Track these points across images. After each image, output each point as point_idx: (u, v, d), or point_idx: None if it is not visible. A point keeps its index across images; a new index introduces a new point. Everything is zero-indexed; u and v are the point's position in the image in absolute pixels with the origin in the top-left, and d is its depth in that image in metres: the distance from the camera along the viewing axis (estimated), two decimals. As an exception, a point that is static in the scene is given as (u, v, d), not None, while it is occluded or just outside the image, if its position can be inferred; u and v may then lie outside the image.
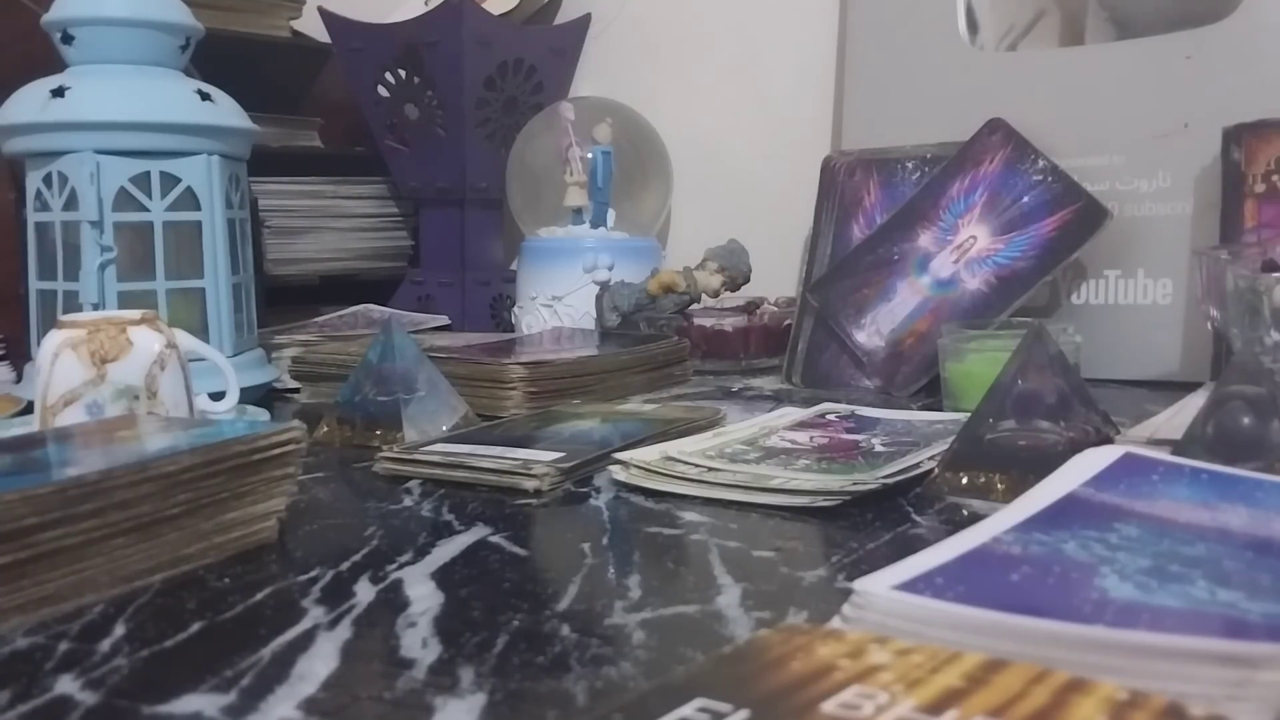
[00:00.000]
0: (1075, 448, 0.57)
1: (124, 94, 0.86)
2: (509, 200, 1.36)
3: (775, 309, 1.15)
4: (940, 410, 0.84)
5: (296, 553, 0.55)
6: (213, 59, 0.99)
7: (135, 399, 0.68)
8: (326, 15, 1.38)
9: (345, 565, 0.52)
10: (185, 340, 0.75)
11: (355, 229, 1.42)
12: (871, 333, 1.00)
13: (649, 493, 0.64)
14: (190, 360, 0.74)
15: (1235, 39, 1.01)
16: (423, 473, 0.68)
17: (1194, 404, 0.70)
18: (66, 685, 0.39)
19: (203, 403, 0.78)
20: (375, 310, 1.35)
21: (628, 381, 0.96)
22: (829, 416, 0.80)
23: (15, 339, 1.03)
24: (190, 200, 0.88)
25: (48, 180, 0.86)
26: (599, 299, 1.15)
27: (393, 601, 0.47)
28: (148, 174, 0.86)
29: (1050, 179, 0.99)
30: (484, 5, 1.35)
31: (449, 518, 0.60)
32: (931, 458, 0.66)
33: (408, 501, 0.63)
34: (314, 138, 1.48)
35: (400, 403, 0.78)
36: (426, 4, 1.40)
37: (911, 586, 0.39)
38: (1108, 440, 0.63)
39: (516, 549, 0.55)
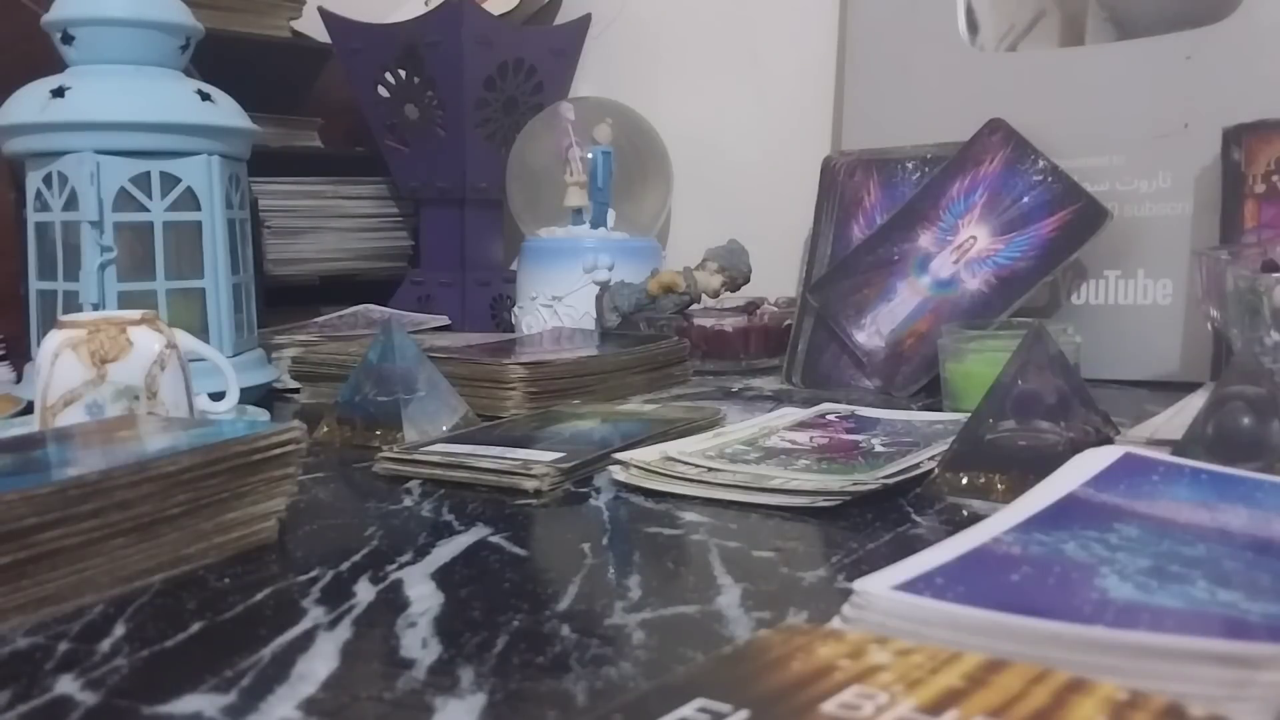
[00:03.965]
0: (1075, 448, 0.57)
1: (124, 94, 0.86)
2: (509, 200, 1.36)
3: (775, 309, 1.15)
4: (940, 410, 0.84)
5: (296, 553, 0.55)
6: (213, 59, 0.99)
7: (135, 399, 0.68)
8: (326, 15, 1.38)
9: (345, 565, 0.52)
10: (185, 340, 0.75)
11: (355, 229, 1.42)
12: (871, 333, 1.00)
13: (649, 493, 0.64)
14: (190, 360, 0.74)
15: (1235, 39, 1.01)
16: (423, 473, 0.68)
17: (1194, 404, 0.70)
18: (66, 685, 0.39)
19: (203, 403, 0.78)
20: (375, 310, 1.34)
21: (628, 381, 0.96)
22: (829, 417, 0.80)
23: (15, 339, 1.03)
24: (190, 200, 0.88)
25: (48, 180, 0.87)
26: (599, 299, 1.15)
27: (393, 601, 0.47)
28: (148, 174, 0.86)
29: (1050, 179, 0.99)
30: (484, 5, 1.35)
31: (449, 518, 0.60)
32: (931, 458, 0.66)
33: (408, 501, 0.63)
34: (314, 138, 1.48)
35: (400, 403, 0.78)
36: (426, 4, 1.40)
37: (911, 587, 0.39)
38: (1108, 440, 0.63)
39: (516, 549, 0.55)
